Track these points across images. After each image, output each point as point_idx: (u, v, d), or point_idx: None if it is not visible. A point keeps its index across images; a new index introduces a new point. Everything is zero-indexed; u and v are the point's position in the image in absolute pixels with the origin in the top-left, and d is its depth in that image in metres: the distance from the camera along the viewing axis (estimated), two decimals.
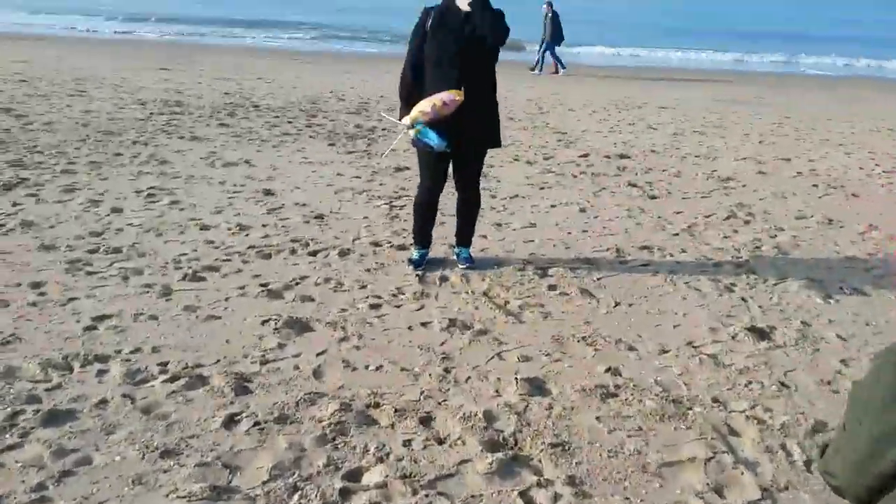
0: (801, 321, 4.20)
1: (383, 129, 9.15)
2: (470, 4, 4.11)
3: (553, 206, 6.25)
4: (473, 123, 4.30)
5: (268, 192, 6.17)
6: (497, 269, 4.73)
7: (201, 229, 5.16)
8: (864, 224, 6.09)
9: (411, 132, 4.29)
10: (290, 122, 9.36)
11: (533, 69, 18.51)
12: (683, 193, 6.81)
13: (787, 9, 50.54)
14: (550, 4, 18.36)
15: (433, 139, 4.21)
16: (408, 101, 4.37)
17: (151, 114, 9.20)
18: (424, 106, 4.17)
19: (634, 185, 7.00)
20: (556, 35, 18.18)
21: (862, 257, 5.34)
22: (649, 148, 8.87)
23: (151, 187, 6.10)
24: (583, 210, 6.15)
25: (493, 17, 4.10)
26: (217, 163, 7.03)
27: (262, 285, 4.26)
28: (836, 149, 9.37)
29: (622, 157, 8.29)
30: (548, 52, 18.44)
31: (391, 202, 6.14)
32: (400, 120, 4.42)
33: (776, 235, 5.70)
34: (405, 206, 6.00)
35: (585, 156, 8.28)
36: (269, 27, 27.91)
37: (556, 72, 18.52)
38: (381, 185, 6.66)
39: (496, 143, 4.55)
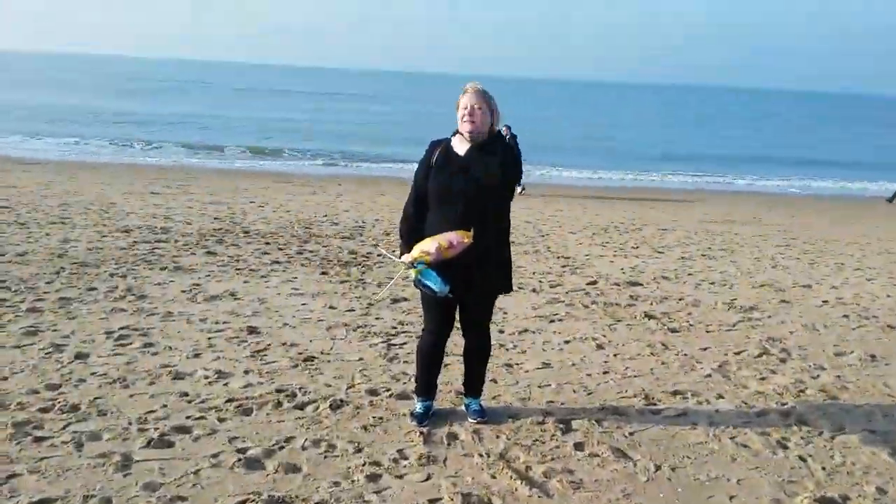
0: (876, 487, 3.58)
1: (378, 256, 8.71)
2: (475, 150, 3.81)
3: (567, 341, 5.70)
4: (481, 267, 3.84)
5: (252, 331, 5.60)
6: (513, 423, 4.12)
7: (174, 378, 4.55)
8: None
9: (411, 273, 3.80)
10: (280, 249, 8.91)
11: None
12: (706, 326, 6.27)
13: (755, 133, 51.49)
14: (509, 127, 18.53)
15: (435, 283, 3.73)
16: (409, 239, 3.91)
17: (135, 242, 8.74)
18: (428, 245, 3.71)
19: (651, 317, 6.47)
20: None
21: None
22: (660, 274, 8.41)
23: (124, 327, 5.52)
24: (600, 346, 5.59)
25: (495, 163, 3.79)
26: (199, 296, 6.49)
27: (239, 451, 3.62)
28: (854, 273, 8.95)
29: (633, 284, 7.82)
30: None
31: (389, 340, 5.57)
32: (399, 258, 3.95)
33: (818, 376, 5.13)
34: (405, 343, 5.44)
35: (594, 283, 7.81)
36: (268, 153, 28.17)
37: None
38: (377, 319, 6.11)
39: (507, 289, 4.08)
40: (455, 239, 3.70)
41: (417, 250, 3.78)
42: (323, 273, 7.71)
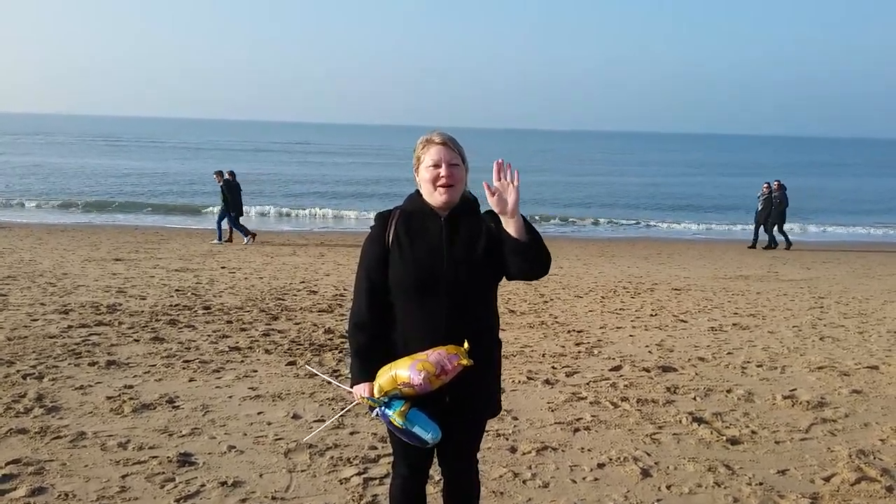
0: None
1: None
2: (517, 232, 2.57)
3: (601, 465, 4.34)
4: (471, 383, 2.65)
5: (185, 461, 4.23)
6: None
7: None
8: None
9: (392, 416, 2.55)
10: (244, 329, 7.58)
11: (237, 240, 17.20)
12: (773, 433, 4.93)
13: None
14: (221, 173, 17.42)
15: (427, 429, 2.58)
16: (370, 359, 2.69)
17: (70, 326, 7.37)
18: (404, 371, 2.56)
19: (701, 420, 5.13)
20: (233, 204, 16.95)
21: None
22: (693, 353, 7.09)
23: (13, 462, 4.14)
24: (646, 473, 4.23)
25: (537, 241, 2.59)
26: (127, 406, 5.12)
27: None
28: None
29: (665, 369, 6.48)
30: (228, 222, 17.15)
31: (366, 468, 4.21)
32: (352, 387, 2.74)
33: None
34: (387, 476, 4.09)
35: (618, 368, 6.48)
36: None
37: (230, 240, 17.25)
38: (351, 433, 4.76)
39: (495, 411, 2.87)
40: (447, 361, 2.52)
41: (387, 377, 2.57)
42: (290, 363, 6.36)
